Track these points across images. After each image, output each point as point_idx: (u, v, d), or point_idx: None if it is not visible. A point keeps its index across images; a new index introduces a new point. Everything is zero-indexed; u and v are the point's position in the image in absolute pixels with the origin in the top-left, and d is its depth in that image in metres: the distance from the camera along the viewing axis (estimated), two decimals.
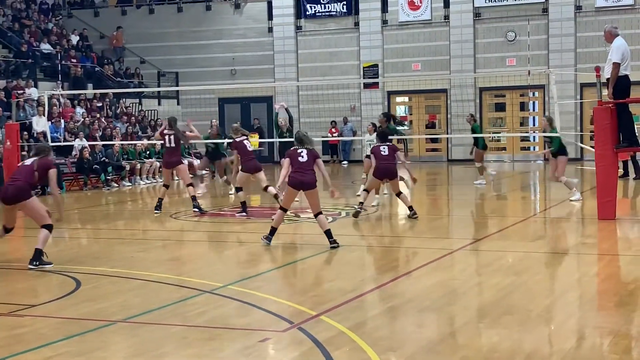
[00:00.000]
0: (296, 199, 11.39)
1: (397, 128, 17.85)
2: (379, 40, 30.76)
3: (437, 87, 30.30)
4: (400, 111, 32.04)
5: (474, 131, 20.38)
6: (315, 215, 10.94)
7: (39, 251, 9.78)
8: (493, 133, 30.19)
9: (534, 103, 30.66)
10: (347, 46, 31.16)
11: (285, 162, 11.03)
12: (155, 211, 15.22)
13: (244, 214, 14.56)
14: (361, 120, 30.39)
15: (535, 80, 28.05)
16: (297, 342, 6.29)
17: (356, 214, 13.79)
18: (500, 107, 30.81)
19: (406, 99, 31.91)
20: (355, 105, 30.92)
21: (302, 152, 10.87)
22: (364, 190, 14.30)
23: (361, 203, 14.03)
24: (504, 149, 30.80)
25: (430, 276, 8.96)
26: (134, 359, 5.95)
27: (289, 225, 13.17)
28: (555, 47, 28.76)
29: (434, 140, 31.31)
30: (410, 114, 31.94)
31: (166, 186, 15.61)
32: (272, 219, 11.29)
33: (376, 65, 30.70)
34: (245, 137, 15.08)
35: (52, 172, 10.15)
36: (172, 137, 15.28)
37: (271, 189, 14.75)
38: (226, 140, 19.59)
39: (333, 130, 30.02)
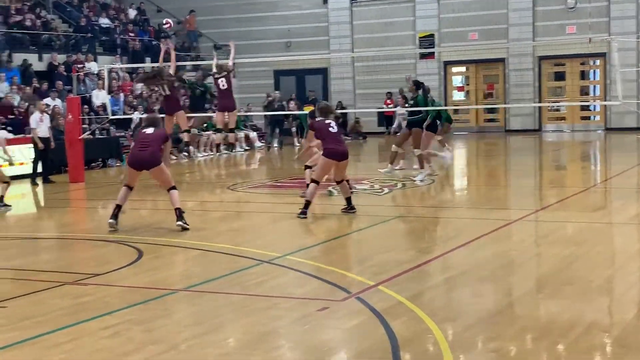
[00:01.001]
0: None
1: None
2: (435, 9, 30.37)
3: (494, 56, 29.83)
4: (456, 81, 31.69)
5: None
6: (339, 182, 10.99)
7: (181, 209, 10.20)
8: (552, 103, 29.69)
9: (594, 71, 30.01)
10: (402, 16, 30.85)
11: (311, 135, 11.10)
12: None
13: None
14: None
15: (596, 48, 27.37)
16: (355, 311, 6.33)
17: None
18: (560, 76, 30.22)
19: (463, 69, 31.51)
20: (411, 76, 30.58)
21: (330, 122, 10.99)
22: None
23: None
24: (564, 118, 30.26)
25: (488, 247, 8.90)
26: (195, 327, 6.06)
27: None
28: (616, 14, 28.03)
29: (491, 111, 30.92)
30: (467, 84, 31.57)
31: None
32: (304, 194, 11.29)
33: (432, 35, 30.35)
34: None
35: (169, 143, 10.96)
36: (164, 85, 14.67)
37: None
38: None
39: (388, 101, 29.85)
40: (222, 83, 15.04)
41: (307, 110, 27.27)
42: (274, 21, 32.51)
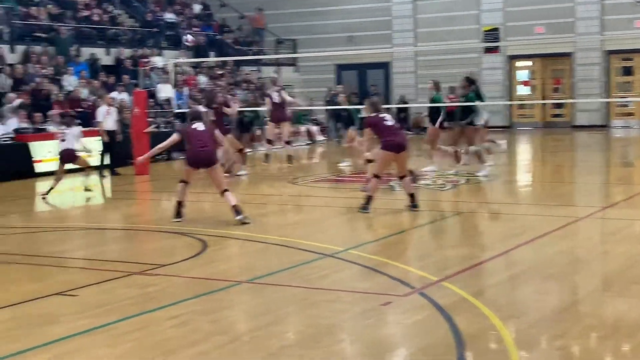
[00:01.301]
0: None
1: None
2: (500, 2, 29.96)
3: (561, 50, 29.30)
4: (522, 76, 31.23)
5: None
6: (402, 177, 10.94)
7: (238, 206, 10.34)
8: (620, 98, 29.06)
9: None
10: (466, 10, 30.52)
11: (367, 132, 11.09)
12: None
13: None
14: (480, 86, 29.80)
15: None
16: (418, 306, 6.32)
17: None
18: (628, 71, 29.53)
19: (529, 63, 31.05)
20: (475, 71, 30.30)
21: (384, 116, 10.97)
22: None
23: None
24: (632, 114, 29.57)
25: (553, 244, 8.78)
26: (259, 319, 6.12)
27: None
28: None
29: (557, 106, 30.39)
30: (533, 79, 31.10)
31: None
32: (365, 188, 11.28)
33: (497, 29, 29.97)
34: None
35: (218, 132, 11.30)
36: (211, 112, 15.10)
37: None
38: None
39: (451, 95, 29.53)
40: (275, 97, 15.32)
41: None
42: (336, 15, 32.50)
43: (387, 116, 11.05)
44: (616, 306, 6.31)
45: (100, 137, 17.14)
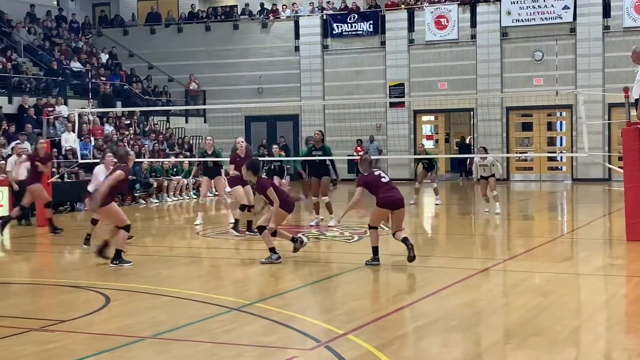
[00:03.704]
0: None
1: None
2: (405, 59, 30.82)
3: (463, 106, 30.27)
4: (426, 130, 32.05)
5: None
6: (394, 233, 11.03)
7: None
8: (519, 153, 30.11)
9: (561, 123, 30.54)
10: (373, 65, 31.26)
11: (359, 190, 10.96)
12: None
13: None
14: (387, 139, 30.43)
15: (563, 100, 27.96)
16: None
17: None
18: (527, 127, 30.70)
19: (432, 117, 31.93)
20: (381, 124, 30.97)
21: (380, 173, 11.03)
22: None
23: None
24: (531, 168, 30.66)
25: (457, 296, 8.94)
26: None
27: (316, 243, 13.20)
28: (583, 67, 28.65)
29: (461, 160, 31.22)
30: (436, 133, 31.96)
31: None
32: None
33: (402, 84, 30.76)
34: None
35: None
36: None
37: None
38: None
39: (359, 148, 30.05)
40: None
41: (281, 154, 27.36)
42: (246, 67, 32.76)
43: (381, 172, 11.12)
44: (517, 358, 6.45)
45: (8, 187, 16.70)
